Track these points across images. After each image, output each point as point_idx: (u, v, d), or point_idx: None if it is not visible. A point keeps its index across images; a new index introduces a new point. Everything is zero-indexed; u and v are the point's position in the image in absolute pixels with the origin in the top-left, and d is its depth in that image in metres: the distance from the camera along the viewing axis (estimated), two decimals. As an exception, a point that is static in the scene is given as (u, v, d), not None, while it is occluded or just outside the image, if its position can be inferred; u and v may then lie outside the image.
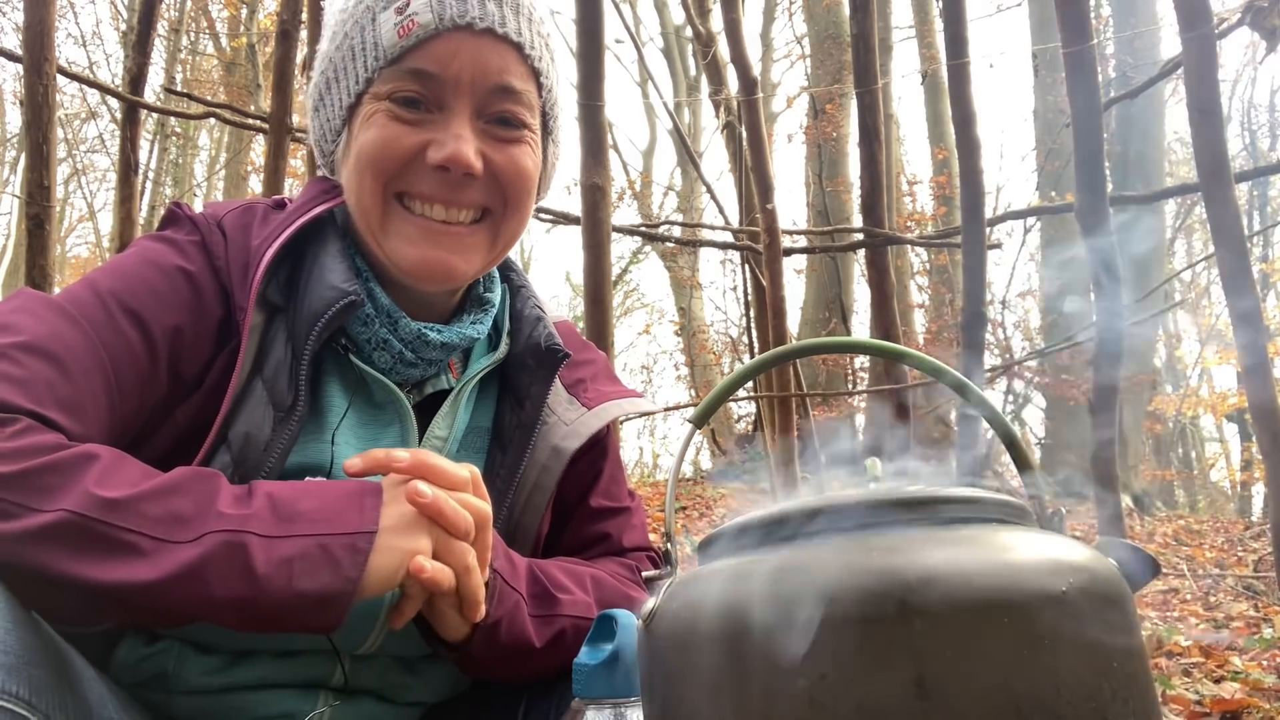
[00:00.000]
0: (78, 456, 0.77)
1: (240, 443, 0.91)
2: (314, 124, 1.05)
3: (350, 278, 0.96)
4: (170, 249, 0.97)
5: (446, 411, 1.03)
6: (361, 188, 0.96)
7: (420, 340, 0.99)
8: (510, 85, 0.96)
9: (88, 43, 12.73)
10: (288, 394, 0.93)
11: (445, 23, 0.93)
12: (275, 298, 0.97)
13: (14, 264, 13.58)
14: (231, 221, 1.00)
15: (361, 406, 1.00)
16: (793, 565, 0.53)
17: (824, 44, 12.22)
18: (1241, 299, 2.43)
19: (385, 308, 0.99)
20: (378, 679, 0.99)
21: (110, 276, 0.93)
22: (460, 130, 0.95)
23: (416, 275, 0.98)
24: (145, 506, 0.76)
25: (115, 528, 0.74)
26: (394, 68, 0.95)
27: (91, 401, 0.86)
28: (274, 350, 0.95)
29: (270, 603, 0.76)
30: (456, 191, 0.96)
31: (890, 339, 3.38)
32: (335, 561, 0.78)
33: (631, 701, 0.65)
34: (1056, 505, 0.60)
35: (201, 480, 0.80)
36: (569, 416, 1.07)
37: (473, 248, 0.99)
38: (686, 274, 15.33)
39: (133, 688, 0.93)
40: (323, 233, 1.00)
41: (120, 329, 0.90)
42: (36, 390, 0.82)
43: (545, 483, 1.05)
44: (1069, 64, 2.62)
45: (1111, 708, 0.49)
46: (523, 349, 1.07)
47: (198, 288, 0.95)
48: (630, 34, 6.34)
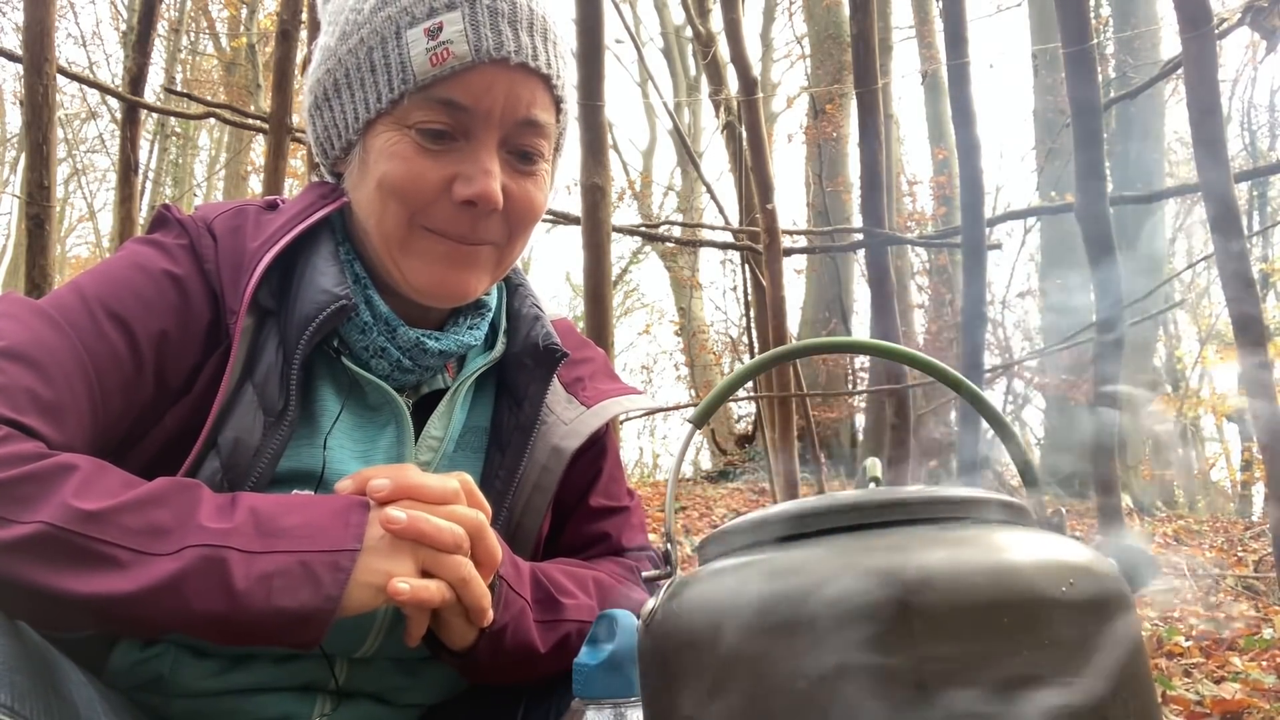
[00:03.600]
0: (56, 466, 0.76)
1: (230, 448, 0.90)
2: (316, 123, 1.02)
3: (342, 281, 0.95)
4: (157, 252, 0.96)
5: (442, 412, 1.02)
6: (384, 213, 0.95)
7: (418, 349, 0.99)
8: (537, 119, 0.96)
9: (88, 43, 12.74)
10: (278, 399, 0.92)
11: (481, 56, 0.91)
12: (267, 302, 0.96)
13: (14, 264, 13.59)
14: (222, 225, 0.99)
15: (356, 409, 0.99)
16: (793, 566, 0.53)
17: (824, 44, 12.22)
18: (1241, 299, 2.43)
19: (383, 315, 0.98)
20: (376, 681, 0.99)
21: (96, 281, 0.92)
22: (489, 165, 0.94)
23: (431, 295, 0.98)
24: (124, 518, 0.75)
25: (93, 540, 0.73)
26: (423, 94, 0.92)
27: (74, 407, 0.85)
28: (265, 354, 0.94)
29: (248, 619, 0.75)
30: (476, 226, 0.96)
31: (890, 339, 3.38)
32: (316, 580, 0.77)
33: (631, 701, 0.65)
34: (1056, 505, 0.60)
35: (182, 491, 0.79)
36: (568, 415, 1.06)
37: (484, 266, 0.99)
38: (686, 274, 15.33)
39: (128, 692, 0.93)
40: (316, 237, 0.99)
41: (104, 334, 0.89)
42: (15, 397, 0.81)
43: (546, 483, 1.04)
44: (1069, 64, 2.62)
45: (1111, 708, 0.49)
46: (520, 348, 1.06)
47: (185, 292, 0.94)
48: (630, 34, 6.34)
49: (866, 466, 0.66)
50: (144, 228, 1.06)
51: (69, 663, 0.83)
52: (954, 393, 0.67)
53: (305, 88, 1.04)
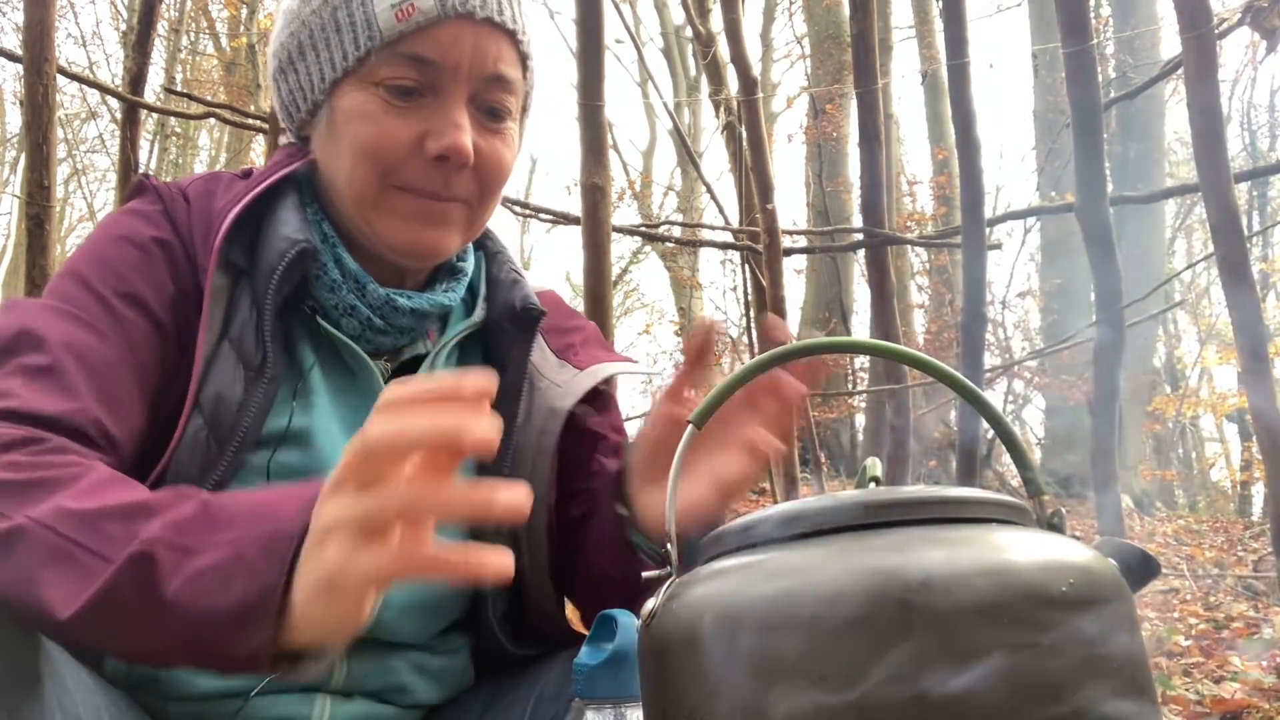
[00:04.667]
0: (76, 472, 0.74)
1: (212, 405, 0.90)
2: (281, 87, 1.02)
3: (303, 229, 0.96)
4: (140, 220, 0.97)
5: (420, 379, 1.01)
6: (355, 173, 0.95)
7: (389, 306, 0.99)
8: (504, 75, 0.96)
9: (88, 43, 12.70)
10: (255, 352, 0.93)
11: (448, 10, 0.92)
12: (238, 259, 0.97)
13: (14, 264, 13.58)
14: (195, 190, 1.00)
15: (335, 371, 1.00)
16: (793, 566, 0.53)
17: (824, 44, 12.21)
18: (1241, 299, 2.43)
19: (353, 273, 0.98)
20: (378, 680, 0.98)
21: (93, 265, 0.93)
22: (459, 119, 0.94)
23: (406, 253, 0.98)
24: (104, 522, 0.69)
25: (63, 538, 0.68)
26: (390, 50, 0.92)
27: (125, 398, 0.86)
28: (239, 311, 0.95)
29: (181, 626, 0.64)
30: (449, 182, 0.96)
31: (890, 339, 3.38)
32: (251, 569, 0.63)
33: (631, 701, 0.65)
34: (1056, 505, 0.60)
35: (175, 499, 0.71)
36: (561, 378, 1.07)
37: (456, 224, 0.99)
38: (686, 274, 15.32)
39: (128, 690, 0.91)
40: (281, 193, 1.00)
41: (121, 316, 0.90)
42: (67, 402, 0.81)
43: (546, 445, 1.04)
44: (1069, 64, 2.62)
45: (1111, 708, 0.49)
46: (499, 313, 1.07)
47: (172, 256, 0.95)
48: (630, 34, 6.35)
49: (866, 466, 0.66)
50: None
51: (69, 661, 0.81)
52: (954, 393, 0.67)
53: (270, 52, 1.04)
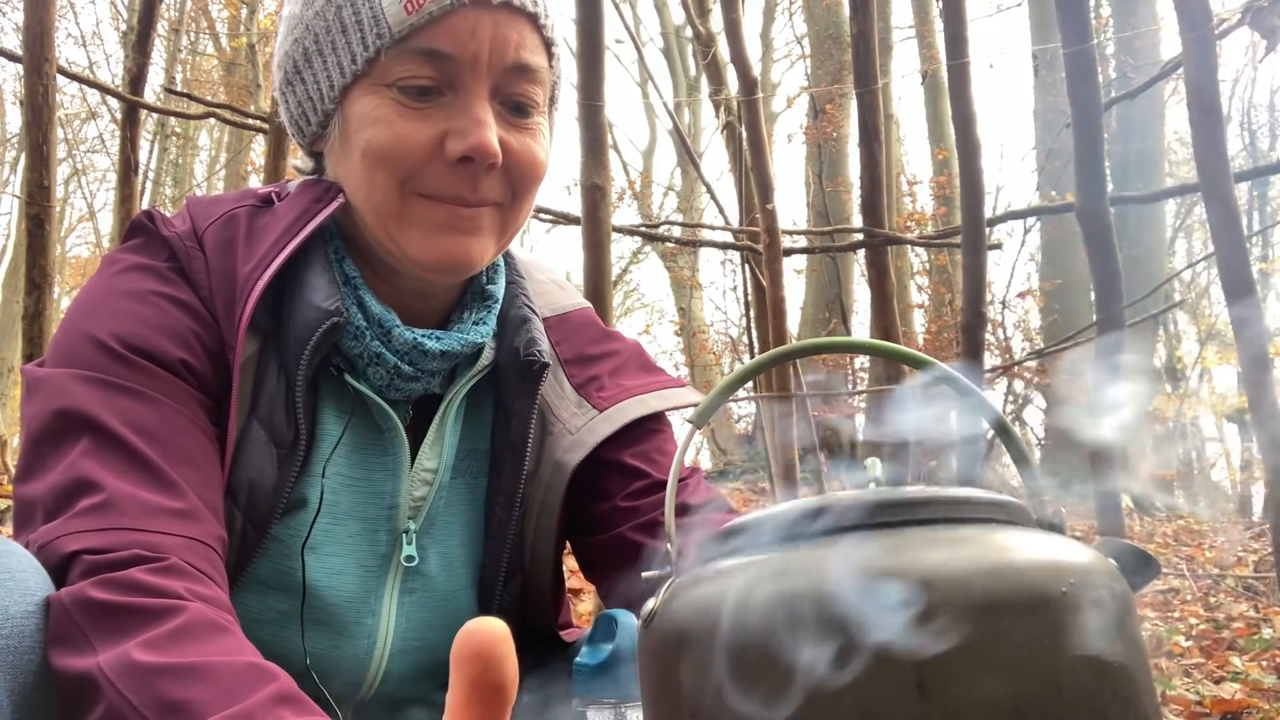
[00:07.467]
0: (162, 609, 0.69)
1: (245, 491, 0.85)
2: (289, 99, 0.93)
3: (333, 294, 0.87)
4: (149, 276, 0.88)
5: (433, 439, 0.95)
6: (373, 184, 0.87)
7: (417, 350, 0.91)
8: (528, 63, 0.87)
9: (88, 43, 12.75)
10: (288, 429, 0.86)
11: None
12: (264, 323, 0.88)
13: (14, 264, 13.58)
14: (213, 240, 0.90)
15: (358, 431, 0.93)
16: (793, 565, 0.53)
17: (824, 44, 12.22)
18: (1241, 299, 2.43)
19: (376, 317, 0.90)
20: (386, 717, 0.95)
21: (107, 321, 0.84)
22: (481, 115, 0.85)
23: (434, 267, 0.89)
24: (158, 681, 0.65)
25: (120, 695, 0.65)
26: (401, 47, 0.84)
27: (202, 483, 0.80)
28: (267, 383, 0.87)
29: None
30: (477, 185, 0.87)
31: (890, 339, 3.38)
32: None
33: (631, 702, 0.65)
34: (1056, 505, 0.60)
35: (247, 675, 0.65)
36: (575, 423, 0.97)
37: (487, 231, 0.90)
38: (686, 274, 15.33)
39: None
40: (309, 245, 0.91)
41: (155, 376, 0.83)
42: (173, 500, 0.76)
43: (550, 503, 0.96)
44: (1069, 64, 2.62)
45: (1112, 708, 0.49)
46: (504, 358, 0.98)
47: (193, 314, 0.87)
48: (630, 34, 6.34)
49: (866, 466, 0.66)
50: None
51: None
52: (954, 392, 0.67)
53: (274, 64, 0.96)
